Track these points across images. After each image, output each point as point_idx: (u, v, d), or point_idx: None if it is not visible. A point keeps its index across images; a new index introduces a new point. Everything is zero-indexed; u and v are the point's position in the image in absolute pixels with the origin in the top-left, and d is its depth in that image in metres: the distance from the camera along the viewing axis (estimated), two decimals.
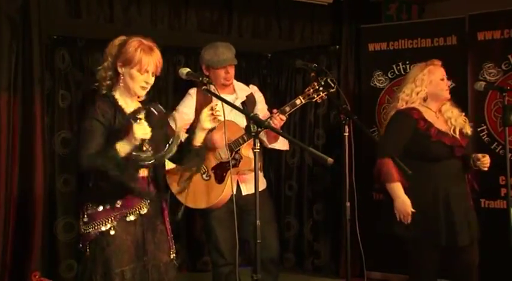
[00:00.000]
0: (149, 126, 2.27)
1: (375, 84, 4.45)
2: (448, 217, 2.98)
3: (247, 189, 3.31)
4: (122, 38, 2.48)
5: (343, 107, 2.89)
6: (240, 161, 3.22)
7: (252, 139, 3.13)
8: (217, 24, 4.13)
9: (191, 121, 3.29)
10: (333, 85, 3.03)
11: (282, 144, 3.43)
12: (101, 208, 2.37)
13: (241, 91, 3.44)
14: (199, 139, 2.56)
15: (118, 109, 2.39)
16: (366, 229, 3.15)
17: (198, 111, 3.24)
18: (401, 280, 4.29)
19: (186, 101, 3.37)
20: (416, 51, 4.28)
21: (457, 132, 3.07)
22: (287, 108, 3.14)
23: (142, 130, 2.24)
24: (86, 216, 2.39)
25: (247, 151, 3.23)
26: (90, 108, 2.39)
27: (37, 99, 3.44)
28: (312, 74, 3.18)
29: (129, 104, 2.43)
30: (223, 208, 3.21)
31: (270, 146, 3.42)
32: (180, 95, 4.74)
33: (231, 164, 3.07)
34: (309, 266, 4.87)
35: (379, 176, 3.09)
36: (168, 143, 2.39)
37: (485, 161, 3.02)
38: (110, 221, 2.35)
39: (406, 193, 3.05)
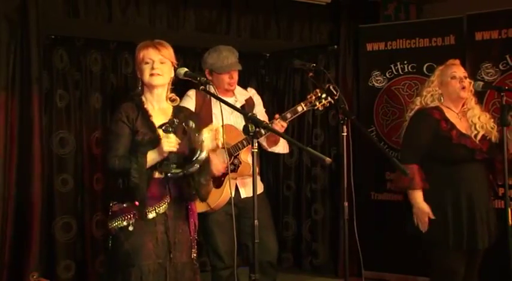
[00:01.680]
0: (177, 137, 2.40)
1: (373, 84, 4.46)
2: (470, 220, 2.98)
3: (246, 192, 3.30)
4: None
5: (341, 106, 2.88)
6: (238, 167, 3.21)
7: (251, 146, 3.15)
8: (215, 24, 4.13)
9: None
10: (335, 93, 3.02)
11: (281, 148, 3.40)
12: (121, 205, 2.49)
13: (240, 95, 3.43)
14: None
15: (142, 111, 2.53)
16: (364, 229, 3.15)
17: (198, 112, 3.22)
18: (400, 280, 4.30)
19: (185, 103, 3.31)
20: (414, 51, 4.29)
21: (478, 138, 3.06)
22: (288, 115, 3.13)
23: (169, 143, 2.36)
24: (110, 212, 2.53)
25: (246, 156, 3.22)
26: (116, 112, 2.55)
27: (35, 99, 3.43)
28: (310, 74, 3.18)
29: (156, 107, 2.58)
30: (222, 211, 3.21)
31: (269, 149, 3.41)
32: (178, 95, 4.70)
33: (229, 170, 3.05)
34: (307, 265, 4.87)
35: (400, 182, 3.09)
36: (195, 156, 2.46)
37: None
38: (128, 218, 2.47)
39: (427, 195, 3.04)
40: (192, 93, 3.34)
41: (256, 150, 2.30)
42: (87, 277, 4.22)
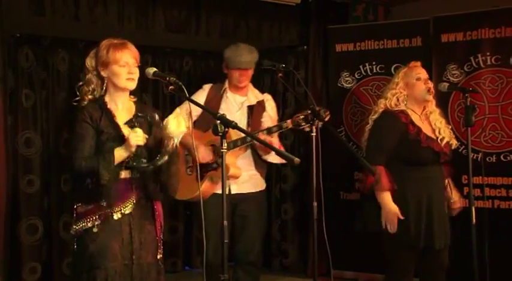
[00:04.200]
0: (144, 133, 2.41)
1: (342, 85, 4.49)
2: (428, 220, 3.03)
3: (237, 188, 3.33)
4: (94, 50, 2.61)
5: (311, 107, 2.90)
6: (220, 166, 3.20)
7: (239, 149, 3.20)
8: (185, 24, 4.12)
9: (199, 113, 3.28)
10: (324, 118, 2.92)
11: (274, 157, 3.40)
12: (87, 207, 2.46)
13: (253, 97, 3.48)
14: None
15: (105, 112, 2.51)
16: (333, 229, 3.18)
17: (206, 105, 3.32)
18: (369, 279, 4.35)
19: (198, 94, 3.44)
20: (382, 52, 4.34)
21: (443, 143, 3.11)
22: (274, 129, 3.15)
23: (136, 137, 2.37)
24: (75, 214, 2.50)
25: (230, 158, 3.21)
26: (79, 113, 2.50)
27: None
28: (280, 74, 3.19)
29: (120, 107, 2.54)
30: (216, 210, 3.12)
31: (263, 157, 3.42)
32: (150, 95, 4.70)
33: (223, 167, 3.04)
34: (277, 265, 4.88)
35: (366, 183, 3.09)
36: (161, 150, 2.45)
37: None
38: (93, 220, 2.44)
39: (393, 196, 3.06)
40: (207, 86, 3.48)
41: (225, 150, 2.30)
42: (54, 280, 4.15)
